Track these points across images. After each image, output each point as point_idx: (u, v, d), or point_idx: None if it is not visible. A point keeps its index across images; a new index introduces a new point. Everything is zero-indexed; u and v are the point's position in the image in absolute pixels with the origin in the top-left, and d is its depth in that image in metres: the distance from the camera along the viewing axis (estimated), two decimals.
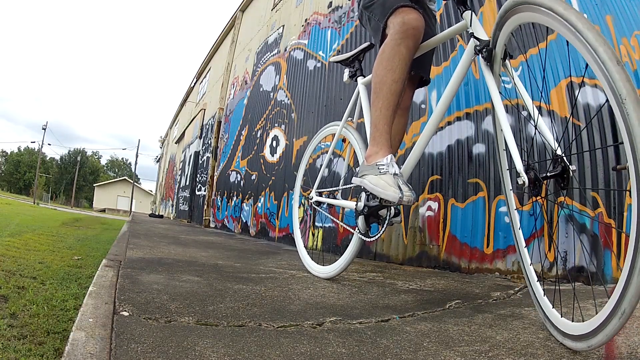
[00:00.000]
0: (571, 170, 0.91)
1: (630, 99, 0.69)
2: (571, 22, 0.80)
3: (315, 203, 2.01)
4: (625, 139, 0.70)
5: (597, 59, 0.74)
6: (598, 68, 0.74)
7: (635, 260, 0.66)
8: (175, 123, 17.65)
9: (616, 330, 0.71)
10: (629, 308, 0.67)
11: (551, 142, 0.97)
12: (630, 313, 0.68)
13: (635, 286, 0.66)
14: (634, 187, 0.68)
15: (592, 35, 0.76)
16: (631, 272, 0.66)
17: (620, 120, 0.70)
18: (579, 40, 0.78)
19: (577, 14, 0.80)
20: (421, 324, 1.09)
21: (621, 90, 0.70)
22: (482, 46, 1.17)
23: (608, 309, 0.72)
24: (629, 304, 0.67)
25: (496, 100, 1.12)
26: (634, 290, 0.66)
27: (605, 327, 0.73)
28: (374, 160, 1.36)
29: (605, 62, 0.73)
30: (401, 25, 1.36)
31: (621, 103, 0.69)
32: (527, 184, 0.94)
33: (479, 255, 2.07)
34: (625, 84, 0.70)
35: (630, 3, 1.72)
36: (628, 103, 0.68)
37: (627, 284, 0.67)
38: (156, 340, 0.83)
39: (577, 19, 0.79)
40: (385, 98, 1.37)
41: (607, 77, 0.72)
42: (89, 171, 64.25)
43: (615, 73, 0.71)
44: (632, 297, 0.67)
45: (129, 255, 2.04)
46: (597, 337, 0.75)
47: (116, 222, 11.75)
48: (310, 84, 4.30)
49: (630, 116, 0.68)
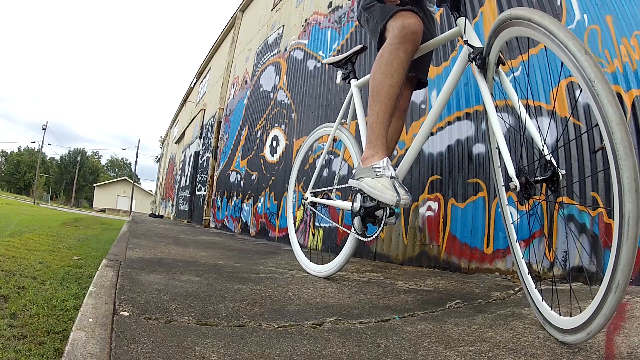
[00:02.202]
0: (560, 174, 0.93)
1: (597, 80, 0.74)
2: (550, 30, 0.85)
3: (310, 203, 2.01)
4: (599, 119, 0.74)
5: (568, 52, 0.80)
6: (569, 61, 0.80)
7: (622, 231, 0.70)
8: (175, 123, 17.65)
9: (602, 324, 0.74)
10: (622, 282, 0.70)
11: (541, 147, 0.99)
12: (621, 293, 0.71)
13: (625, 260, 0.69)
14: (612, 164, 0.71)
15: (563, 33, 0.82)
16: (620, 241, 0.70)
17: (592, 103, 0.75)
18: (552, 41, 0.84)
19: (556, 23, 0.85)
20: (421, 324, 1.09)
21: (589, 75, 0.75)
22: (476, 54, 1.19)
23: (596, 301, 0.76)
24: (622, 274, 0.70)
25: (489, 106, 1.14)
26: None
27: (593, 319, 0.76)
28: (370, 163, 1.37)
29: (575, 53, 0.78)
30: (400, 30, 1.36)
31: (591, 86, 0.74)
32: (518, 189, 0.97)
33: (479, 255, 2.07)
34: (593, 68, 0.75)
35: (630, 3, 1.72)
36: (596, 84, 0.73)
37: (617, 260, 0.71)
38: (156, 340, 0.83)
39: (556, 27, 0.85)
40: (383, 102, 1.38)
41: (577, 67, 0.78)
42: (89, 171, 64.20)
43: (584, 61, 0.77)
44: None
45: (129, 255, 2.04)
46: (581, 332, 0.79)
47: (116, 222, 11.74)
48: (310, 84, 4.29)
49: (600, 94, 0.73)
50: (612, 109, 0.71)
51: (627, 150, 0.69)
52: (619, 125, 0.70)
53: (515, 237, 1.20)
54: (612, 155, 0.71)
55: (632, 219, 0.68)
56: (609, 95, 0.72)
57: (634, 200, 0.68)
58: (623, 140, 0.70)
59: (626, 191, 0.68)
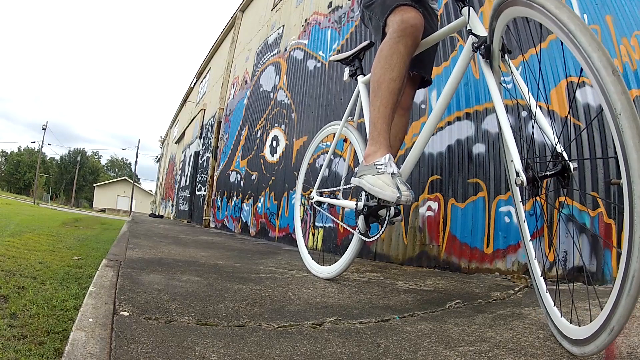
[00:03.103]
0: (572, 168, 0.88)
1: (625, 114, 0.65)
2: (563, 22, 0.76)
3: (316, 203, 2.01)
4: (619, 154, 0.67)
5: (592, 65, 0.70)
6: (593, 76, 0.70)
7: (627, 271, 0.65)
8: (175, 123, 17.64)
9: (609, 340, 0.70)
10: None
11: (552, 140, 0.94)
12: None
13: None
14: (626, 204, 0.66)
15: (586, 39, 0.72)
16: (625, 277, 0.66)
17: (614, 135, 0.67)
18: (572, 42, 0.74)
19: (569, 14, 0.76)
20: (421, 324, 1.09)
21: (616, 104, 0.66)
22: (480, 43, 1.16)
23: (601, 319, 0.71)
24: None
25: (496, 97, 1.10)
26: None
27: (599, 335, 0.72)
28: (372, 160, 1.34)
29: (600, 70, 0.68)
30: (400, 24, 1.35)
31: (616, 117, 0.66)
32: (525, 184, 0.92)
33: (479, 255, 2.07)
34: (620, 97, 0.65)
35: (630, 3, 1.72)
36: (623, 119, 0.65)
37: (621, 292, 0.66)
38: (156, 340, 0.83)
39: (570, 19, 0.75)
40: (384, 96, 1.36)
41: (602, 88, 0.68)
42: (89, 171, 64.21)
43: (610, 85, 0.67)
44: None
45: (129, 255, 2.04)
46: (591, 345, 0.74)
47: (116, 222, 11.74)
48: (310, 84, 4.29)
49: (625, 133, 0.65)
50: (638, 154, 0.63)
51: (638, 144, 0.63)
52: (622, 100, 0.64)
53: (528, 236, 1.12)
54: (628, 197, 0.66)
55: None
56: (636, 135, 0.64)
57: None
58: (632, 128, 0.64)
59: (636, 199, 0.63)
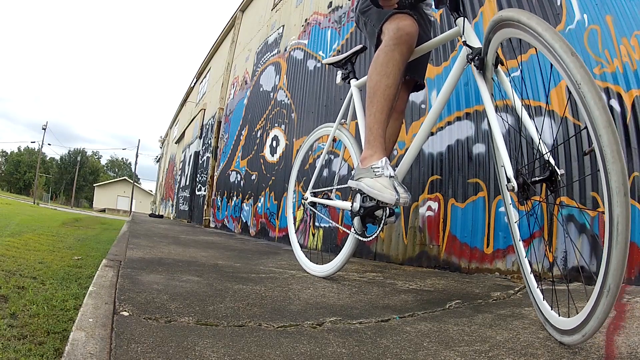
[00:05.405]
0: (559, 174, 0.92)
1: (584, 82, 0.72)
2: (535, 29, 0.85)
3: (310, 203, 2.01)
4: (587, 122, 0.72)
5: (555, 54, 0.78)
6: (557, 63, 0.78)
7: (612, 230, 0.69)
8: (175, 123, 17.64)
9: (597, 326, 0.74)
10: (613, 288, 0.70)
11: (540, 147, 0.98)
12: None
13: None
14: (601, 168, 0.70)
15: (550, 35, 0.81)
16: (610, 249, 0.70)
17: (580, 106, 0.73)
18: (540, 43, 0.84)
19: (544, 25, 0.85)
20: (421, 324, 1.09)
21: (576, 77, 0.73)
22: (474, 55, 1.20)
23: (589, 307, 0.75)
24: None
25: (488, 106, 1.14)
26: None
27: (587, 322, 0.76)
28: (369, 163, 1.38)
29: (561, 55, 0.77)
30: (395, 32, 1.39)
31: (578, 88, 0.73)
32: (516, 190, 0.96)
33: (479, 255, 2.07)
34: (579, 70, 0.73)
35: (630, 3, 1.72)
36: (583, 86, 0.72)
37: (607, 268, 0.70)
38: (156, 340, 0.83)
39: (543, 28, 0.84)
40: (380, 102, 1.40)
41: (564, 69, 0.76)
42: (89, 171, 64.20)
43: (570, 63, 0.75)
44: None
45: (129, 255, 2.04)
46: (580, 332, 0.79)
47: (116, 222, 11.74)
48: (310, 84, 4.30)
49: (587, 97, 0.71)
50: (599, 112, 0.70)
51: (615, 154, 0.68)
52: (606, 128, 0.69)
53: (518, 236, 1.20)
54: (601, 159, 0.70)
55: (622, 223, 0.67)
56: (596, 97, 0.70)
57: (623, 204, 0.67)
58: (610, 144, 0.68)
59: (614, 195, 0.67)
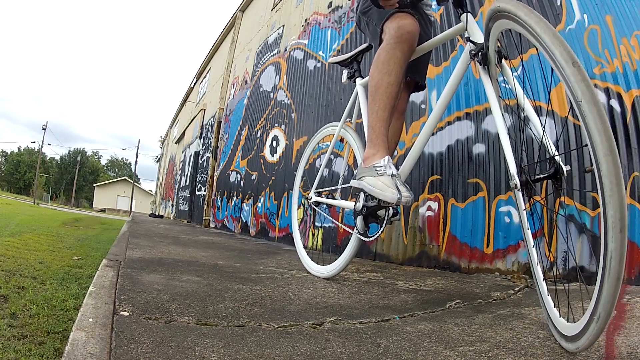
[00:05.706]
0: (564, 171, 0.90)
1: (585, 100, 0.66)
2: (534, 29, 0.80)
3: (314, 203, 2.01)
4: (587, 141, 0.67)
5: (555, 60, 0.72)
6: (558, 72, 0.72)
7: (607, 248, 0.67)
8: (175, 123, 17.64)
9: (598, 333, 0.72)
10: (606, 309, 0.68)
11: (546, 144, 0.97)
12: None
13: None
14: (599, 186, 0.67)
15: (549, 38, 0.74)
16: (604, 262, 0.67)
17: (581, 122, 0.67)
18: (538, 42, 0.78)
19: (543, 25, 0.79)
20: (421, 324, 1.09)
21: (577, 92, 0.67)
22: (477, 50, 1.18)
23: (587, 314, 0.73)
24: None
25: (493, 102, 1.13)
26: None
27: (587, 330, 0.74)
28: (371, 162, 1.38)
29: (562, 63, 0.70)
30: (396, 30, 1.39)
31: (579, 105, 0.67)
32: (519, 187, 0.94)
33: (479, 255, 2.07)
34: (580, 84, 0.66)
35: (630, 3, 1.72)
36: (584, 105, 0.66)
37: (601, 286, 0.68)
38: (156, 340, 0.83)
39: (542, 29, 0.78)
40: (382, 100, 1.40)
41: (565, 80, 0.70)
42: (89, 171, 64.21)
43: (571, 75, 0.68)
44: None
45: (129, 255, 2.04)
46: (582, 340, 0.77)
47: (116, 222, 11.74)
48: (310, 84, 4.29)
49: (587, 118, 0.65)
50: (600, 138, 0.63)
51: (614, 187, 0.63)
52: (607, 157, 0.63)
53: (532, 243, 1.10)
54: (599, 188, 0.65)
55: (615, 259, 0.64)
56: (598, 120, 0.64)
57: (618, 240, 0.64)
58: (610, 175, 0.63)
59: (610, 229, 0.64)
